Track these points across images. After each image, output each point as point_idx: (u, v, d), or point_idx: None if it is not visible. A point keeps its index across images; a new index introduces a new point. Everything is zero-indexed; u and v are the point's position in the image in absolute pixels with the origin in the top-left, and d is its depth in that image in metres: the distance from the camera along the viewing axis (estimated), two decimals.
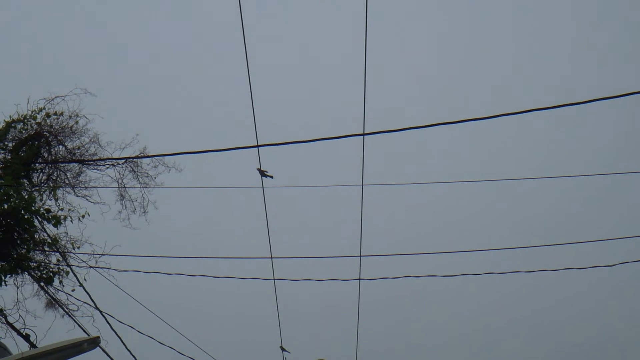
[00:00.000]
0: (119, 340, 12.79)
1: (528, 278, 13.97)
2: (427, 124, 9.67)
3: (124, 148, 14.31)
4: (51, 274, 13.37)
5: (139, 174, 14.65)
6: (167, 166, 14.68)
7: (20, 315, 12.63)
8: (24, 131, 14.01)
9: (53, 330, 12.64)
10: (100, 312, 12.98)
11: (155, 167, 14.71)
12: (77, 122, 14.34)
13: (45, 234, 13.36)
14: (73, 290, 13.51)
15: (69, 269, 13.43)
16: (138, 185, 14.73)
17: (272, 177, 12.54)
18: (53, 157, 14.13)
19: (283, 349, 17.98)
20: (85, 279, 13.50)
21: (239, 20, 10.39)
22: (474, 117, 9.35)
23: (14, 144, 13.95)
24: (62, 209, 13.73)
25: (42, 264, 13.37)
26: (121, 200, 14.79)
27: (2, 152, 13.89)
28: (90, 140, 14.40)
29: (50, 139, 14.15)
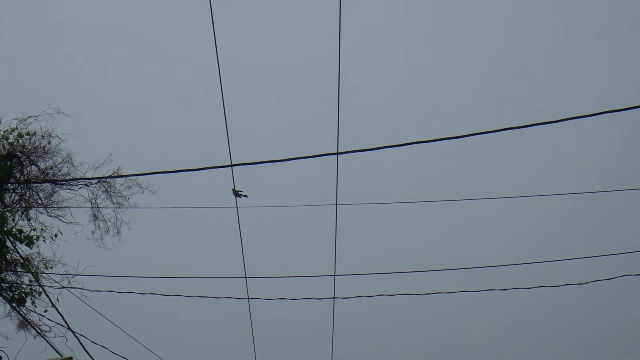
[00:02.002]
0: None
1: (501, 295, 14.03)
2: (402, 143, 9.70)
3: (97, 168, 14.26)
4: (23, 294, 13.28)
5: (112, 194, 14.60)
6: (141, 187, 14.63)
7: None
8: None
9: (25, 351, 12.56)
10: (73, 332, 12.90)
11: (129, 187, 14.66)
12: (49, 142, 14.27)
13: (17, 255, 13.28)
14: (46, 311, 13.43)
15: (41, 290, 13.36)
16: (111, 206, 14.67)
17: (246, 196, 12.53)
18: (25, 177, 14.05)
19: None
20: (58, 300, 13.43)
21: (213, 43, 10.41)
22: (452, 136, 9.40)
23: None
24: (34, 229, 13.67)
25: (14, 284, 13.29)
26: (94, 220, 14.72)
27: None
28: (63, 160, 14.33)
29: (22, 159, 14.07)
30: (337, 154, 10.69)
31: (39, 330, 13.32)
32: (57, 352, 12.57)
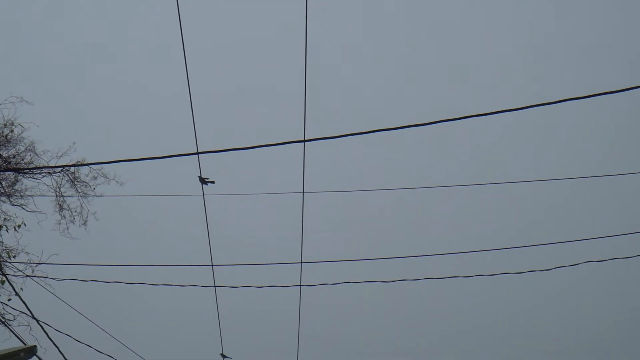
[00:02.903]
0: (56, 349, 12.63)
1: (492, 281, 14.06)
2: (367, 130, 9.71)
3: (60, 157, 14.18)
4: None
5: (77, 183, 14.51)
6: (107, 177, 14.56)
7: None
8: None
9: None
10: (37, 321, 12.81)
11: (94, 178, 14.58)
12: (12, 131, 14.16)
13: None
14: (9, 300, 13.34)
15: (4, 279, 13.26)
16: (76, 195, 14.58)
17: (213, 182, 12.48)
18: None
19: (224, 356, 17.92)
20: (21, 288, 13.34)
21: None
22: (421, 123, 9.40)
23: None
24: None
25: None
26: (60, 210, 14.63)
27: None
28: (26, 149, 14.23)
29: None
30: (304, 141, 10.68)
31: (3, 319, 13.23)
32: (21, 340, 12.48)
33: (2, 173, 14.14)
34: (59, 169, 14.27)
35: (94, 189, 14.59)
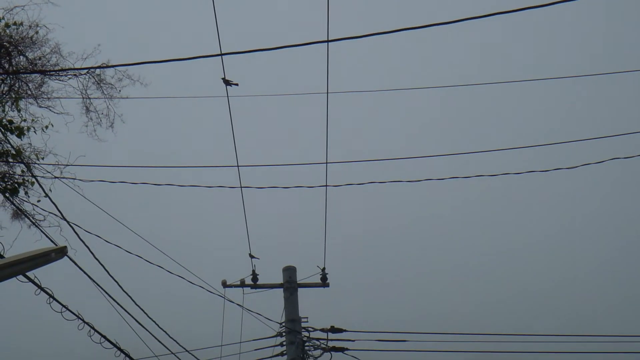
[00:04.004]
0: (86, 249, 12.82)
1: (518, 179, 14.01)
2: (393, 29, 9.61)
3: (85, 58, 14.16)
4: (16, 184, 13.34)
5: (103, 85, 14.52)
6: (132, 79, 14.55)
7: None
8: None
9: (20, 241, 12.67)
10: (67, 221, 12.98)
11: (119, 80, 14.58)
12: (37, 32, 14.12)
13: (8, 145, 13.29)
14: (39, 201, 13.51)
15: (34, 180, 13.40)
16: (103, 96, 14.61)
17: (237, 84, 12.43)
18: (14, 68, 13.95)
19: (252, 256, 18.13)
20: (50, 190, 13.48)
21: None
22: (442, 22, 9.30)
23: None
24: (24, 120, 13.65)
25: (7, 175, 13.33)
26: (87, 112, 14.68)
27: None
28: (52, 51, 14.21)
29: (10, 50, 13.94)
30: (327, 41, 10.59)
31: (33, 220, 13.41)
32: (51, 241, 12.67)
33: (28, 75, 14.17)
34: (85, 70, 14.27)
35: (120, 91, 14.60)
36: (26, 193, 13.44)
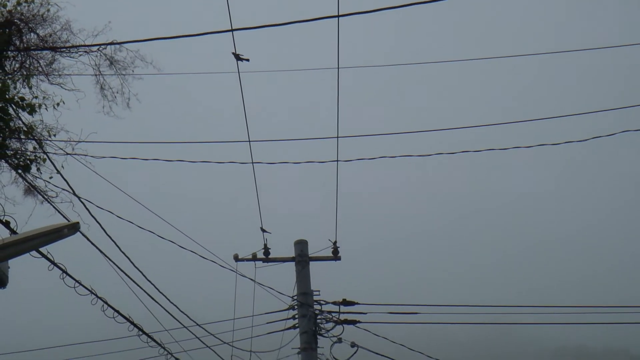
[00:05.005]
0: (98, 225, 12.92)
1: (529, 152, 14.06)
2: (401, 4, 9.64)
3: (96, 35, 14.17)
4: (28, 161, 13.41)
5: (114, 64, 14.55)
6: (145, 61, 14.55)
7: None
8: None
9: (33, 217, 12.77)
10: (79, 198, 13.07)
11: (132, 62, 14.59)
12: (48, 10, 14.15)
13: (20, 122, 13.35)
14: (51, 178, 13.57)
15: (45, 157, 13.47)
16: (115, 74, 14.63)
17: (248, 60, 12.44)
18: (25, 45, 13.99)
19: (263, 230, 18.22)
20: (62, 166, 13.56)
21: None
22: None
23: None
24: (36, 97, 13.70)
25: (19, 151, 13.40)
26: (101, 90, 14.72)
27: None
28: (62, 28, 14.23)
29: (21, 27, 13.98)
30: (338, 16, 10.61)
31: (46, 196, 13.49)
32: (64, 217, 12.76)
33: (39, 52, 14.20)
34: (96, 47, 14.30)
35: (132, 71, 14.63)
36: (38, 169, 13.52)
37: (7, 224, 11.17)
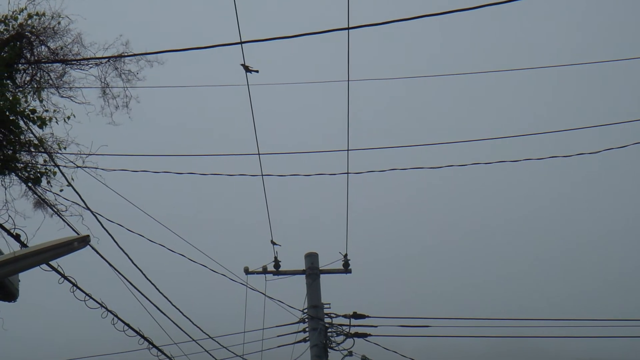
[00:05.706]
0: (109, 238, 12.88)
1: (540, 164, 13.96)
2: (413, 16, 9.61)
3: (107, 48, 14.20)
4: (38, 174, 13.39)
5: (122, 71, 14.55)
6: (149, 61, 14.54)
7: (9, 216, 12.67)
8: (5, 32, 13.84)
9: (43, 230, 12.73)
10: (90, 210, 13.04)
11: (137, 62, 14.59)
12: (59, 23, 14.18)
13: (31, 135, 13.34)
14: (61, 190, 13.55)
15: (56, 169, 13.45)
16: (122, 84, 14.63)
17: (257, 71, 12.43)
18: (36, 58, 14.01)
19: (274, 243, 18.17)
20: (72, 179, 13.54)
21: None
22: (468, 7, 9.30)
23: None
24: (47, 110, 13.68)
25: (29, 164, 13.38)
26: (103, 96, 14.71)
27: None
28: (73, 41, 14.26)
29: (32, 40, 14.00)
30: (348, 29, 10.59)
31: (56, 210, 13.47)
32: (74, 230, 12.73)
33: (50, 65, 14.22)
34: (106, 59, 14.31)
35: (137, 73, 14.62)
36: (49, 182, 13.50)
37: (17, 237, 11.16)
